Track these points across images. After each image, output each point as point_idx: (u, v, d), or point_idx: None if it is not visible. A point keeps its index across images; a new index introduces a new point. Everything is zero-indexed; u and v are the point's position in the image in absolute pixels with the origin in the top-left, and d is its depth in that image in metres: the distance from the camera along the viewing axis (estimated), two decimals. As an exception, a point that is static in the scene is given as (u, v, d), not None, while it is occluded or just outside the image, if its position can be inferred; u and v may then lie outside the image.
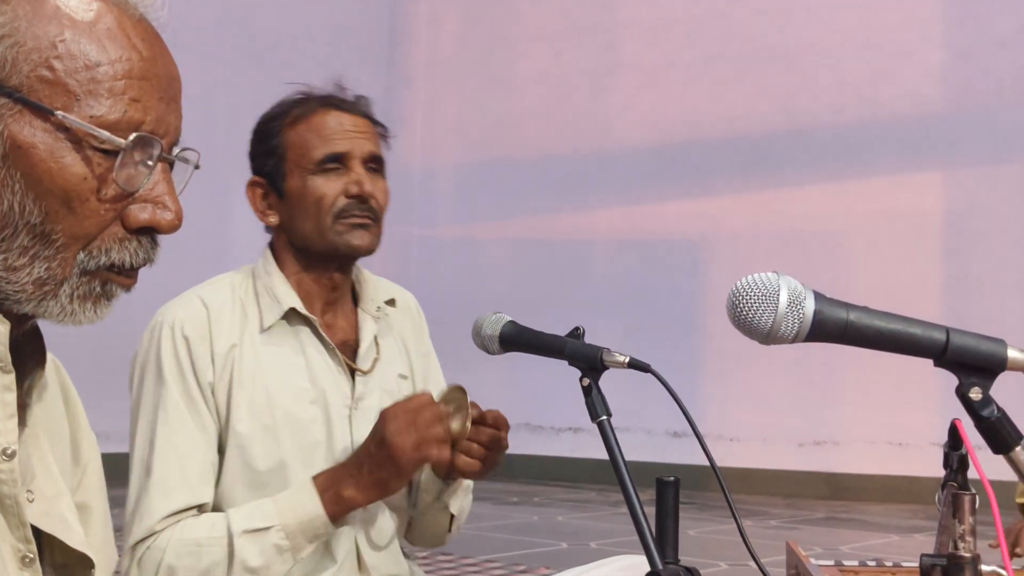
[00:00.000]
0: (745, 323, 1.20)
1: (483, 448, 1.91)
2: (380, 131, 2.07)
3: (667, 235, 7.57)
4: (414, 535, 2.12)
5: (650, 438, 6.78)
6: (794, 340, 1.21)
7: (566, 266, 7.78)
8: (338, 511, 1.83)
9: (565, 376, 1.75)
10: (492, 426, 1.92)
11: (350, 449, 1.92)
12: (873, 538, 5.29)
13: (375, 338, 2.06)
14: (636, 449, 6.47)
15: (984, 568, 1.34)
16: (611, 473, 1.53)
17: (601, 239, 7.77)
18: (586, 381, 1.62)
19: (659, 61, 7.62)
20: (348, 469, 1.84)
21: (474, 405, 1.89)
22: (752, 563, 1.50)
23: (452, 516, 2.08)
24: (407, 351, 2.14)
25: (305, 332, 2.00)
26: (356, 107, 2.03)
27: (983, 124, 6.80)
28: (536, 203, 7.93)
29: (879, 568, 2.23)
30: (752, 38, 7.36)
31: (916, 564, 1.36)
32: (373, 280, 2.12)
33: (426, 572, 2.11)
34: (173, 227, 1.05)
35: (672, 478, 1.52)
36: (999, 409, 1.21)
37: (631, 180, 7.64)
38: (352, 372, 2.01)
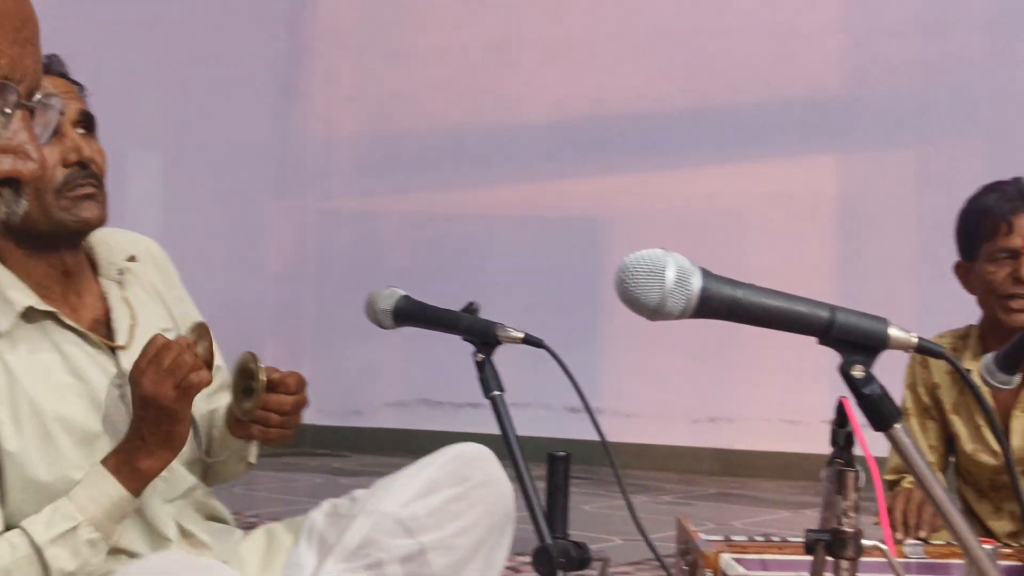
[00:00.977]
0: (632, 299, 1.21)
1: (282, 415, 1.84)
2: (79, 89, 1.92)
3: (567, 212, 7.59)
4: (210, 480, 2.06)
5: (549, 413, 6.81)
6: (681, 316, 1.22)
7: (466, 242, 7.76)
8: (139, 485, 1.77)
9: (465, 352, 1.75)
10: (292, 392, 1.85)
11: None
12: (764, 514, 5.38)
13: (126, 303, 1.95)
14: (535, 425, 6.48)
15: (866, 543, 1.37)
16: (507, 448, 1.53)
17: (501, 215, 7.77)
18: (480, 356, 1.63)
19: (560, 38, 7.62)
20: (132, 442, 1.76)
21: (272, 370, 1.82)
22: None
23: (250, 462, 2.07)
24: (163, 301, 2.04)
25: (50, 325, 1.85)
26: (50, 67, 1.85)
27: (877, 109, 6.93)
28: (436, 178, 7.90)
29: (766, 543, 2.27)
30: (653, 17, 7.39)
31: (803, 539, 1.38)
32: (105, 241, 1.99)
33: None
34: (36, 176, 1.00)
35: (563, 453, 1.53)
36: (880, 387, 1.24)
37: (531, 156, 7.65)
38: (114, 349, 1.89)
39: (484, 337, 1.63)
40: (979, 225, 2.59)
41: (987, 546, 1.39)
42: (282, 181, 7.92)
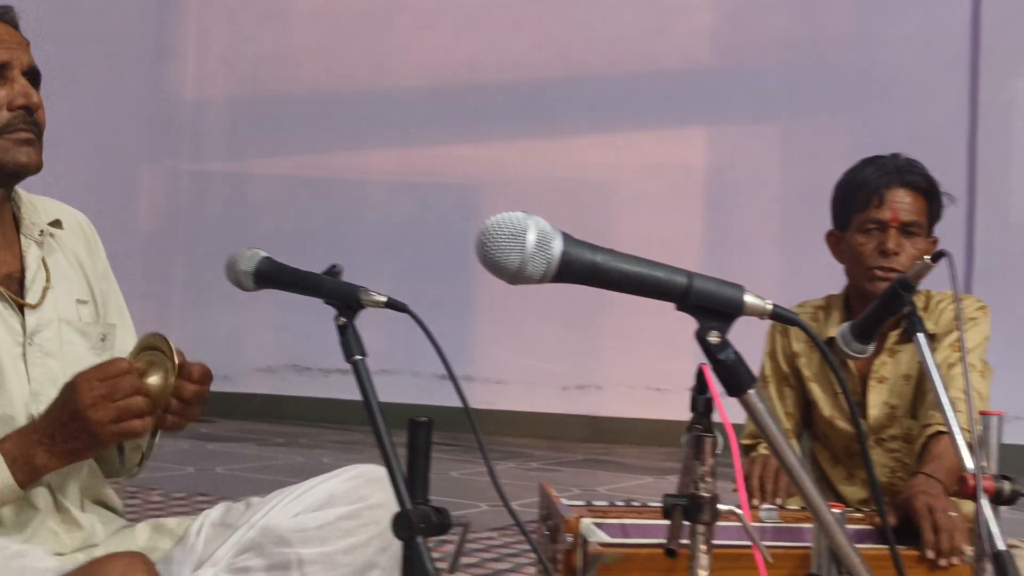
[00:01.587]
0: (493, 262, 1.20)
1: (184, 403, 1.80)
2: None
3: (441, 178, 7.58)
4: (103, 470, 2.01)
5: (418, 380, 6.81)
6: (542, 280, 1.21)
7: (339, 206, 7.71)
8: (29, 479, 1.71)
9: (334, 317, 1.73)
10: (197, 381, 1.80)
11: (27, 388, 1.79)
12: (629, 479, 5.46)
13: (43, 264, 1.91)
14: (404, 391, 6.49)
15: (722, 507, 1.40)
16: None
17: (375, 180, 7.72)
18: (342, 320, 1.60)
19: (438, 4, 7.59)
20: (39, 436, 1.70)
21: (179, 353, 1.78)
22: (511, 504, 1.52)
23: (143, 455, 2.01)
24: (84, 273, 1.99)
25: None
26: (3, 16, 1.85)
27: (746, 83, 7.04)
28: (310, 141, 7.82)
29: (627, 508, 2.30)
30: (531, -14, 7.40)
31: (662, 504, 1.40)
32: (34, 202, 1.96)
33: (183, 515, 2.05)
34: None
35: (425, 419, 1.52)
36: (735, 353, 1.26)
37: (407, 122, 7.61)
38: (22, 307, 1.85)
39: (346, 300, 1.60)
40: (854, 196, 2.65)
41: (836, 510, 1.42)
42: (153, 142, 7.76)
